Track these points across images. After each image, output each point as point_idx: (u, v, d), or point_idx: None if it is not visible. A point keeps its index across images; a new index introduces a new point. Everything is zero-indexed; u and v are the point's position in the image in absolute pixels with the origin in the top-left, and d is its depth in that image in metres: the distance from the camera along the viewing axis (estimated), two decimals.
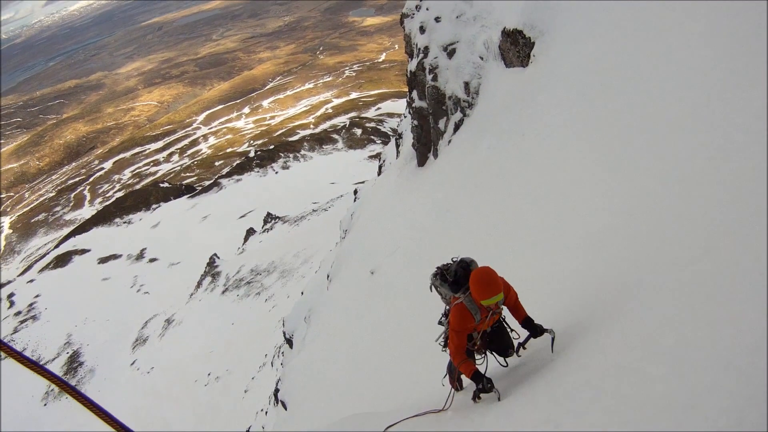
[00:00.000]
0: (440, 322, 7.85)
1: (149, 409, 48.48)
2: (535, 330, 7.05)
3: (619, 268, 7.61)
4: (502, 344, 7.62)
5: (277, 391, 24.47)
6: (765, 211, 4.90)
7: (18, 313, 78.28)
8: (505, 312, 7.53)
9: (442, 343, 7.80)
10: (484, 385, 6.67)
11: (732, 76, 8.20)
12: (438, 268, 7.53)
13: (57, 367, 63.20)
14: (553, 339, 6.81)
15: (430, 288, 7.73)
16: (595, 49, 13.98)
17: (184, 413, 45.87)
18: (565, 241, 10.07)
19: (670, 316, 4.57)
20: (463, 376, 7.99)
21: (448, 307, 7.54)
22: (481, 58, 19.85)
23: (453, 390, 7.88)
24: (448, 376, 8.66)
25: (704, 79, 8.86)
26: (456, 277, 7.19)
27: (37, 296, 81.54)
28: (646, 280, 6.47)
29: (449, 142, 20.90)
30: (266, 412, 31.46)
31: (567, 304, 8.30)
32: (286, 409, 20.94)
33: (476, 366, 7.00)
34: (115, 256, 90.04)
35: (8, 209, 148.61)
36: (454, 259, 7.41)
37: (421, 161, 23.72)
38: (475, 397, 7.04)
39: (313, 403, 17.75)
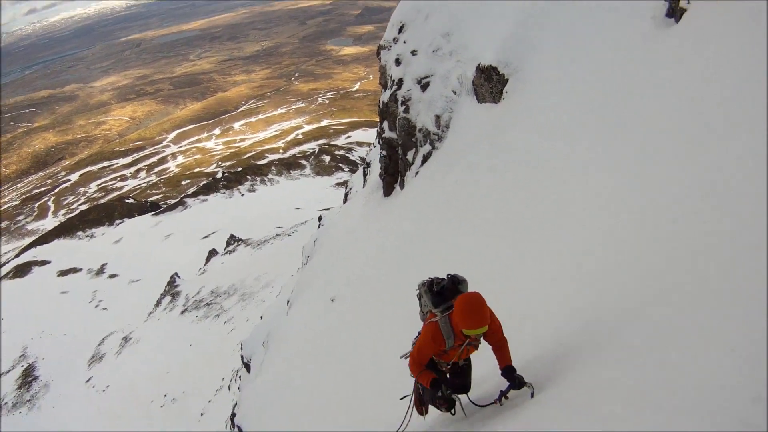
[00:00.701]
0: (414, 342, 7.23)
1: (102, 428, 47.67)
2: (515, 382, 6.35)
3: (603, 302, 7.44)
4: (462, 381, 7.18)
5: (233, 415, 24.27)
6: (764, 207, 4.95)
7: None
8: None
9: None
10: (443, 392, 6.42)
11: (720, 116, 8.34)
12: (430, 277, 7.01)
13: (11, 381, 62.33)
14: (532, 395, 6.16)
15: (417, 296, 7.18)
16: (569, 88, 14.14)
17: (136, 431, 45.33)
18: (535, 274, 10.09)
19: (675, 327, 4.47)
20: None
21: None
22: (454, 93, 19.93)
23: (411, 410, 7.53)
24: (413, 396, 7.95)
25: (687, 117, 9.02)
26: (442, 290, 6.68)
27: None
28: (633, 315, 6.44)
29: (416, 173, 20.94)
30: None
31: (544, 342, 7.80)
32: None
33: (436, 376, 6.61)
34: (75, 270, 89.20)
35: None
36: (449, 275, 6.88)
37: (388, 191, 23.74)
38: (435, 402, 6.72)
39: (269, 428, 17.58)
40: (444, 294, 6.61)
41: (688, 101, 9.13)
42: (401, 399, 8.09)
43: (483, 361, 7.21)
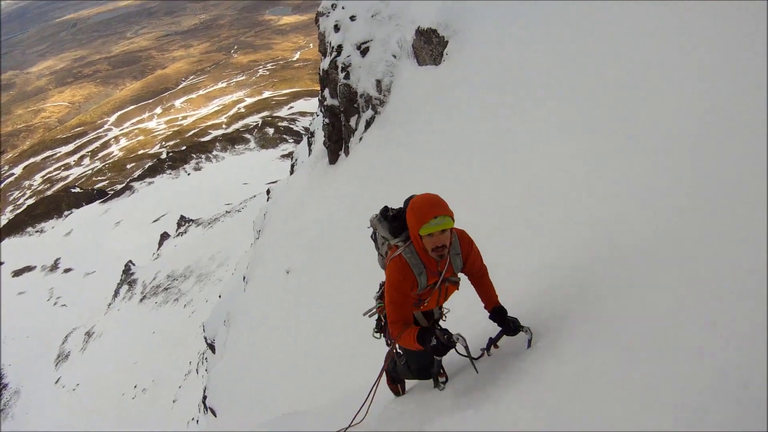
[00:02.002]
0: (376, 297, 6.06)
1: (78, 427, 47.05)
2: (508, 325, 5.22)
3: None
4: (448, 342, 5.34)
5: (205, 398, 24.19)
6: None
7: None
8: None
9: (375, 324, 6.10)
10: (438, 337, 4.68)
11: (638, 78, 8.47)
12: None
13: None
14: (529, 340, 5.13)
15: (372, 236, 5.75)
16: (508, 48, 14.27)
17: (115, 429, 44.84)
18: (483, 226, 10.17)
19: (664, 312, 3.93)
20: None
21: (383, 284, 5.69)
22: (394, 57, 19.94)
23: (373, 395, 5.82)
24: (385, 373, 6.71)
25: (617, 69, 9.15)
26: (399, 214, 5.40)
27: None
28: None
29: (360, 139, 20.94)
30: (197, 421, 31.04)
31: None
32: (215, 416, 20.69)
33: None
34: (29, 268, 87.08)
35: None
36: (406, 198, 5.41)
37: (333, 159, 23.67)
38: (435, 351, 4.79)
39: (241, 407, 17.57)
40: (403, 218, 5.25)
41: (627, 58, 9.27)
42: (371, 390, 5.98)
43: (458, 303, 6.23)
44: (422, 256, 4.93)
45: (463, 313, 6.78)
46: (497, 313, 5.37)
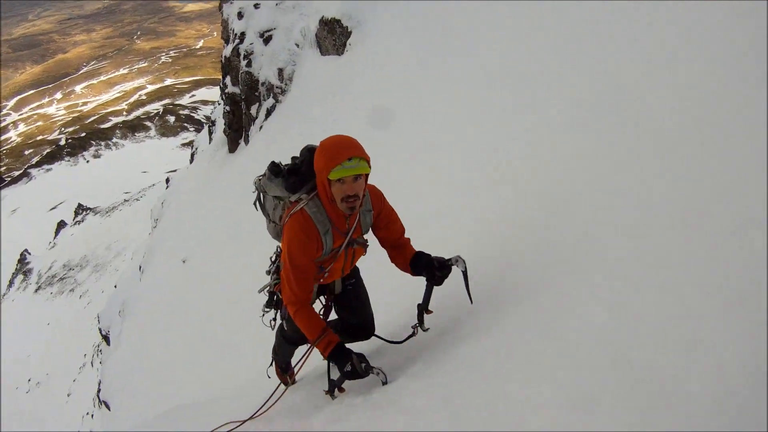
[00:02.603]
0: (269, 271, 4.96)
1: None
2: (432, 269, 4.24)
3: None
4: (361, 317, 5.03)
5: (99, 391, 23.69)
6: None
7: None
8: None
9: (265, 308, 4.94)
10: (355, 365, 3.89)
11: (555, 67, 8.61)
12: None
13: None
14: (465, 273, 4.21)
15: (255, 203, 4.90)
16: (409, 40, 14.38)
17: (7, 423, 43.34)
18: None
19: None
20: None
21: (279, 246, 4.78)
22: (297, 46, 19.95)
23: (280, 386, 5.43)
24: (273, 363, 5.91)
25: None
26: (296, 168, 4.42)
27: None
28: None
29: (261, 128, 20.90)
30: (92, 416, 30.31)
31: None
32: (109, 409, 20.26)
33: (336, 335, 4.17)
34: None
35: None
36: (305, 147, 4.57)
37: (232, 147, 23.53)
38: (333, 390, 4.20)
39: (135, 400, 17.20)
40: (301, 171, 4.36)
41: (521, 45, 9.42)
42: (269, 377, 5.88)
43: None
44: (329, 211, 4.11)
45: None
46: (418, 259, 4.39)
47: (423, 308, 4.36)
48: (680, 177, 4.19)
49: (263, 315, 5.03)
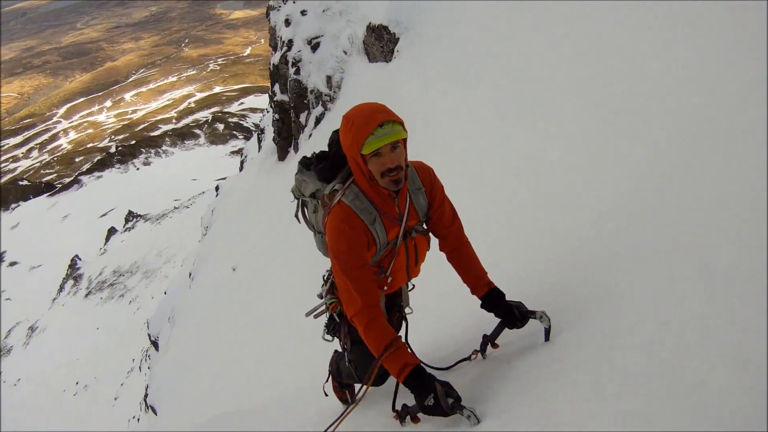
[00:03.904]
0: (321, 294, 4.33)
1: (19, 424, 46.06)
2: (511, 313, 3.70)
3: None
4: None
5: (146, 396, 23.86)
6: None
7: None
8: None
9: (326, 325, 4.42)
10: (440, 400, 3.08)
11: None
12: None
13: None
14: (547, 330, 3.61)
15: (296, 214, 4.31)
16: (459, 46, 14.23)
17: (54, 425, 43.91)
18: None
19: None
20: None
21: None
22: (345, 53, 19.87)
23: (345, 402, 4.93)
24: (330, 377, 5.12)
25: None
26: (326, 155, 3.86)
27: None
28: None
29: (310, 136, 20.83)
30: (138, 419, 30.63)
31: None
32: (156, 414, 20.45)
33: (413, 353, 3.74)
34: None
35: None
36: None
37: (282, 155, 23.51)
38: (405, 416, 3.41)
39: (182, 406, 17.31)
40: (335, 158, 3.74)
41: (578, 54, 9.23)
42: (326, 394, 5.19)
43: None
44: (372, 195, 3.52)
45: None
46: (492, 297, 3.81)
47: (490, 341, 3.93)
48: (732, 183, 4.03)
49: (330, 340, 4.42)
